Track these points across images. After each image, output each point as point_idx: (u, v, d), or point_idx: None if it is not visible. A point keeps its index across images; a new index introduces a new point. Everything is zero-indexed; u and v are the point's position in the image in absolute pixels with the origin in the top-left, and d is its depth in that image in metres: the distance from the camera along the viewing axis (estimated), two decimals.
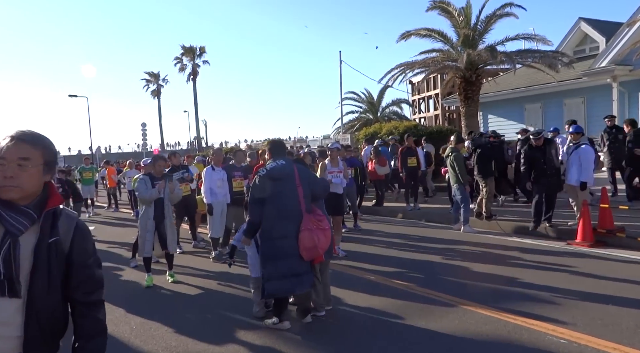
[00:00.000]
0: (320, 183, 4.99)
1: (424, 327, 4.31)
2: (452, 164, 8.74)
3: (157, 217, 6.12)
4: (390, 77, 16.46)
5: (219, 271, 6.80)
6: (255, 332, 4.41)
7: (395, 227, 9.77)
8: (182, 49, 49.78)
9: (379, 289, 5.53)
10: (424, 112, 31.88)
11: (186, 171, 8.38)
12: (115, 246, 9.36)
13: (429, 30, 15.73)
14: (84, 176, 15.00)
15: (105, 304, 5.44)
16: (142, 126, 39.84)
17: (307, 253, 4.28)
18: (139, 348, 4.21)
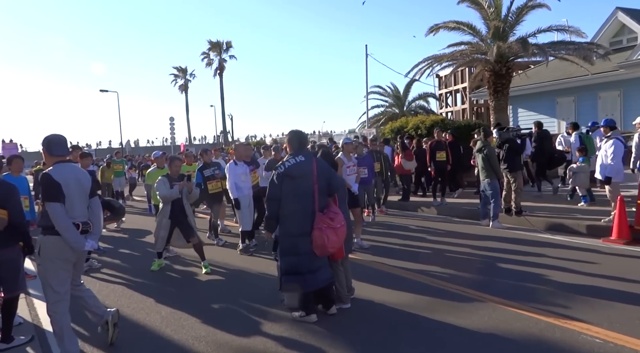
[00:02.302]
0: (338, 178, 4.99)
1: (453, 323, 4.25)
2: (486, 159, 8.57)
3: (175, 216, 6.37)
4: (417, 70, 16.25)
5: (245, 263, 6.89)
6: (282, 324, 4.44)
7: (422, 222, 9.66)
8: (209, 44, 50.32)
9: (406, 284, 5.48)
10: (451, 106, 31.38)
11: (217, 169, 8.45)
12: (144, 237, 9.57)
13: (458, 23, 15.42)
14: (114, 168, 15.36)
15: (136, 293, 5.58)
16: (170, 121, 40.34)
17: (318, 250, 4.33)
18: (169, 337, 4.29)
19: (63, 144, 3.79)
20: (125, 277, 6.49)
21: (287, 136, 4.73)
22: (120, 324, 4.55)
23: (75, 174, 3.72)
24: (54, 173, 3.59)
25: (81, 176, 3.76)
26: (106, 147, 55.47)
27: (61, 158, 3.73)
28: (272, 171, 8.35)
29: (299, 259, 4.34)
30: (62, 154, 3.76)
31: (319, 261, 4.40)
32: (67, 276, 3.73)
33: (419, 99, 30.51)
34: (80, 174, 3.77)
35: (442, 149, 11.02)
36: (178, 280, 6.35)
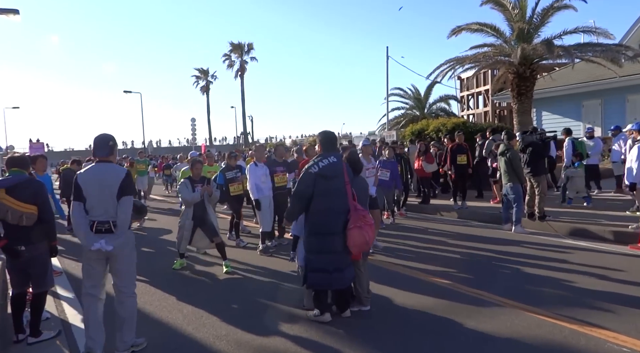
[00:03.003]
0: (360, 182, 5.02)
1: (474, 328, 4.21)
2: (509, 162, 8.45)
3: (197, 218, 6.51)
4: (439, 73, 16.14)
5: (265, 263, 6.94)
6: (301, 325, 4.45)
7: (442, 225, 9.58)
8: (231, 45, 50.90)
9: (426, 287, 5.44)
10: (473, 109, 30.99)
11: (239, 171, 8.51)
12: (165, 235, 9.72)
13: (481, 24, 15.26)
14: (137, 168, 15.64)
15: (158, 291, 5.64)
16: (192, 122, 41.14)
17: (357, 249, 4.35)
18: (191, 335, 4.35)
19: (99, 146, 3.88)
20: (147, 275, 6.60)
21: (318, 136, 4.77)
22: (144, 322, 4.65)
23: (100, 175, 3.77)
24: (80, 175, 3.84)
25: (108, 176, 3.77)
26: (129, 147, 56.55)
27: (100, 159, 3.87)
28: (293, 173, 8.50)
29: (328, 257, 4.36)
30: (99, 156, 3.88)
31: (345, 260, 4.42)
32: (93, 273, 3.84)
33: (440, 102, 30.25)
34: (107, 174, 3.78)
35: (463, 153, 10.92)
36: (199, 279, 6.43)
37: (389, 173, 9.14)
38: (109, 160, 3.89)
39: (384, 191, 9.08)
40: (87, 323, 3.85)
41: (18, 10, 18.51)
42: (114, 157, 3.98)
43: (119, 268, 3.89)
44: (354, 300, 4.78)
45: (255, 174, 7.58)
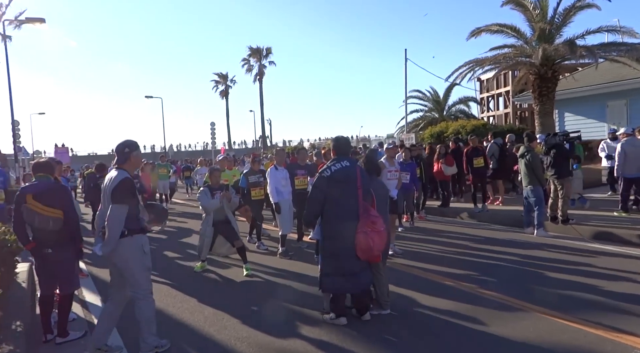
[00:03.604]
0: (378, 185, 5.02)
1: (496, 332, 4.16)
2: (529, 164, 8.33)
3: (217, 224, 6.61)
4: (458, 74, 16.04)
5: (285, 266, 6.98)
6: (321, 328, 4.47)
7: (462, 228, 9.49)
8: (250, 50, 51.29)
9: (446, 291, 5.40)
10: (493, 111, 30.66)
11: (262, 176, 8.56)
12: (186, 238, 9.86)
13: (501, 25, 15.12)
14: (159, 172, 15.89)
15: (180, 293, 5.72)
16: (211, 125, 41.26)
17: (362, 253, 4.37)
18: (213, 337, 4.41)
19: (116, 153, 4.04)
20: (169, 277, 6.71)
21: (331, 141, 4.82)
22: (167, 323, 4.73)
23: (107, 181, 3.94)
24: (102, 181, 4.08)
25: (109, 182, 3.90)
26: (150, 151, 57.44)
27: (116, 165, 4.01)
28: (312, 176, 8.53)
29: (341, 261, 4.40)
30: (116, 163, 4.03)
31: (361, 264, 4.44)
32: (111, 274, 4.08)
33: (459, 104, 30.01)
34: (109, 181, 3.91)
35: (480, 155, 10.80)
36: (220, 281, 6.51)
37: (409, 175, 9.10)
38: (122, 167, 3.96)
39: (404, 194, 9.04)
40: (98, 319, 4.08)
41: (44, 19, 19.15)
42: (129, 164, 4.00)
43: (122, 273, 3.96)
44: (374, 304, 4.78)
45: (276, 178, 7.64)
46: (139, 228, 3.95)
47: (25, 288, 5.80)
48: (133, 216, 3.90)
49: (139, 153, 4.15)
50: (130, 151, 3.99)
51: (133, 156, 4.01)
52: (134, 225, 3.90)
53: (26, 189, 4.35)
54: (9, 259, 4.87)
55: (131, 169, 4.06)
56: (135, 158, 4.04)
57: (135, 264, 3.91)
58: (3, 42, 18.29)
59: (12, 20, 19.11)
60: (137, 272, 3.93)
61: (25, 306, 4.99)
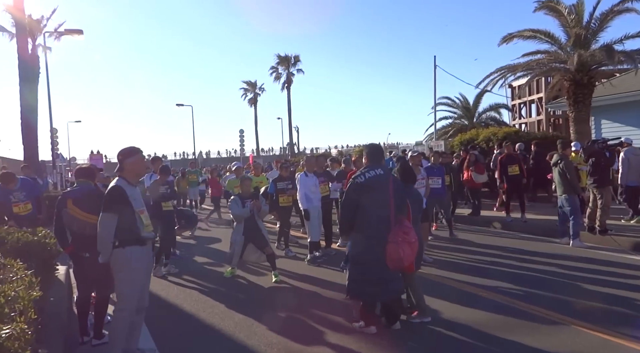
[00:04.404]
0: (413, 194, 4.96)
1: (532, 345, 4.03)
2: (562, 173, 8.10)
3: (248, 233, 6.67)
4: (489, 81, 15.81)
5: (313, 273, 6.97)
6: (350, 336, 4.43)
7: (494, 238, 9.28)
8: (278, 58, 51.92)
9: (478, 301, 5.28)
10: (525, 118, 30.02)
11: (290, 183, 8.61)
12: (215, 244, 9.98)
13: (534, 31, 14.82)
14: (189, 178, 16.19)
15: (210, 299, 5.79)
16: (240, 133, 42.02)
17: (392, 263, 4.32)
18: (243, 342, 4.43)
19: (117, 161, 4.02)
20: (199, 283, 6.80)
21: (364, 149, 4.82)
22: (198, 328, 4.79)
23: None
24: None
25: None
26: (180, 158, 58.64)
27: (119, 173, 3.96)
28: (340, 183, 8.55)
29: (370, 268, 4.37)
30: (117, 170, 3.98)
31: (390, 273, 4.39)
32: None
33: (490, 110, 29.51)
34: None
35: (515, 163, 10.54)
36: (249, 287, 6.55)
37: (440, 179, 8.92)
38: (122, 175, 3.89)
39: (437, 200, 8.89)
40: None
41: (82, 31, 19.86)
42: (127, 171, 3.88)
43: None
44: (413, 312, 4.73)
45: (305, 185, 7.68)
46: (133, 239, 3.78)
47: (62, 290, 5.99)
48: (126, 227, 3.76)
49: (136, 159, 3.94)
50: (123, 158, 3.90)
51: (127, 163, 3.89)
52: (125, 236, 3.76)
53: (68, 194, 4.50)
54: (48, 262, 5.03)
55: (130, 176, 3.92)
56: (130, 165, 3.90)
57: (120, 276, 3.80)
58: (44, 54, 19.06)
59: (52, 32, 19.90)
60: (120, 285, 3.83)
61: (62, 309, 5.14)
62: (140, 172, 4.05)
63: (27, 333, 2.32)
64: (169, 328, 4.76)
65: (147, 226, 3.89)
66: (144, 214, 3.89)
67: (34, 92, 16.42)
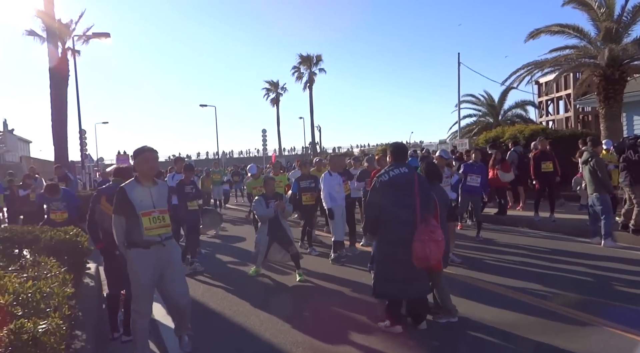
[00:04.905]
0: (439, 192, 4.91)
1: (562, 347, 3.93)
2: (593, 171, 7.88)
3: (272, 233, 6.71)
4: (515, 77, 15.55)
5: (337, 273, 6.97)
6: (376, 335, 4.41)
7: (521, 238, 9.09)
8: (300, 58, 52.10)
9: (506, 302, 5.19)
10: (553, 115, 29.32)
11: (313, 182, 8.63)
12: (239, 243, 10.07)
13: (562, 26, 14.46)
14: (213, 178, 16.42)
15: (235, 297, 5.83)
16: (263, 132, 42.31)
17: (418, 262, 4.27)
18: (268, 341, 4.46)
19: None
20: (224, 281, 6.88)
21: (389, 147, 4.81)
22: (224, 326, 4.85)
23: None
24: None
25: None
26: (204, 158, 59.44)
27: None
28: (363, 182, 8.53)
29: (395, 267, 4.35)
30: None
31: (416, 272, 4.35)
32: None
33: (516, 108, 28.93)
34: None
35: (548, 160, 10.27)
36: (273, 286, 6.59)
37: (480, 178, 8.71)
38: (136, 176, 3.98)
39: (472, 198, 8.76)
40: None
41: (109, 34, 20.32)
42: (138, 171, 3.93)
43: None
44: (441, 312, 4.69)
45: (330, 184, 7.69)
46: (133, 242, 3.80)
47: (93, 287, 6.15)
48: (129, 229, 3.80)
49: (140, 159, 3.92)
50: (133, 158, 4.00)
51: (135, 164, 3.95)
52: (130, 238, 3.81)
53: (102, 191, 4.65)
54: (80, 260, 5.18)
55: (141, 176, 3.91)
56: (136, 165, 3.94)
57: (130, 278, 3.88)
58: (72, 57, 19.56)
59: (81, 35, 20.41)
60: (131, 286, 3.91)
61: (93, 305, 5.29)
62: (146, 172, 3.90)
63: (62, 328, 2.39)
64: (195, 326, 4.81)
65: (150, 229, 3.80)
66: (150, 217, 3.80)
67: (63, 95, 16.88)
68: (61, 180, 12.74)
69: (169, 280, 3.94)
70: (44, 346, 2.13)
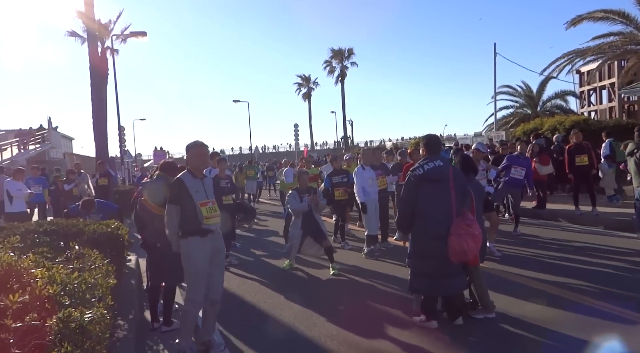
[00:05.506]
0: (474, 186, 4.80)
1: (606, 345, 3.79)
2: (639, 162, 7.51)
3: (306, 227, 6.76)
4: (554, 67, 15.08)
5: (370, 267, 6.95)
6: (411, 330, 4.38)
7: (561, 233, 8.80)
8: (331, 51, 51.91)
9: (546, 298, 5.03)
10: (595, 105, 28.17)
11: (345, 176, 8.60)
12: (272, 237, 10.18)
13: (606, 11, 13.81)
14: (247, 173, 16.66)
15: (269, 290, 5.93)
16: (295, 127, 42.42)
17: (455, 256, 4.21)
18: (303, 333, 4.51)
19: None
20: (258, 274, 6.98)
21: (422, 140, 4.71)
22: (259, 318, 4.92)
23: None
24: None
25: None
26: (237, 153, 60.27)
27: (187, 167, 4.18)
28: (396, 176, 8.44)
29: (431, 262, 4.29)
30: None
31: (452, 268, 4.28)
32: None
33: (556, 98, 27.96)
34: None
35: (584, 153, 9.89)
36: (306, 279, 6.64)
37: (524, 171, 8.44)
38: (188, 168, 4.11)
39: (512, 191, 8.55)
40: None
41: (146, 33, 20.79)
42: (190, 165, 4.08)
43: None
44: (477, 307, 4.62)
45: (362, 178, 7.65)
46: (193, 231, 3.91)
47: (133, 279, 6.35)
48: (186, 218, 3.91)
49: (192, 153, 4.08)
50: (185, 152, 4.15)
51: (187, 157, 4.12)
52: (186, 227, 3.92)
53: (144, 185, 4.82)
54: (121, 252, 5.36)
55: (194, 169, 4.05)
56: (189, 159, 4.09)
57: (184, 266, 3.98)
58: (111, 56, 20.16)
59: (119, 35, 20.99)
60: (186, 274, 4.01)
61: (134, 296, 5.46)
62: (198, 165, 4.08)
63: (106, 317, 2.48)
64: (232, 318, 4.92)
65: (209, 218, 3.96)
66: (206, 206, 3.98)
67: (103, 93, 17.42)
68: (103, 176, 13.23)
69: (214, 265, 4.08)
70: (90, 334, 2.21)
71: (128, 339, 4.06)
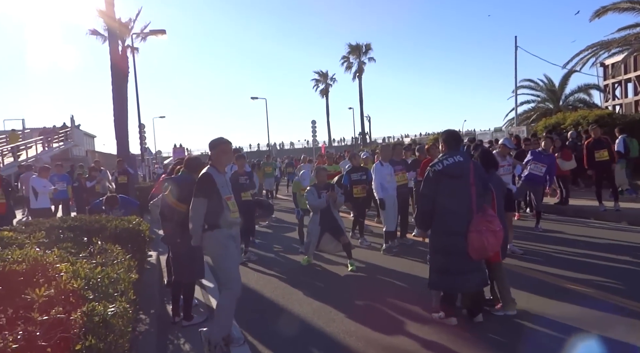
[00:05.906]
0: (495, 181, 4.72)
1: (635, 344, 3.71)
2: None
3: (324, 223, 6.77)
4: (578, 60, 14.76)
5: (388, 263, 6.92)
6: (429, 326, 4.34)
7: (585, 229, 8.62)
8: (349, 47, 51.70)
9: (571, 296, 4.94)
10: (620, 99, 27.44)
11: (364, 174, 8.54)
12: (290, 233, 10.21)
13: (632, 2, 13.43)
14: (265, 170, 16.75)
15: (288, 286, 5.95)
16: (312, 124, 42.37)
17: (475, 253, 4.16)
18: (322, 329, 4.51)
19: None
20: (277, 270, 7.01)
21: (441, 135, 4.65)
22: (278, 313, 4.95)
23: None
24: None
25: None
26: (255, 150, 60.61)
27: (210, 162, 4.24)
28: (414, 172, 8.37)
29: (451, 259, 4.24)
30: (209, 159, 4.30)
31: (472, 264, 4.23)
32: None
33: (579, 92, 27.30)
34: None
35: (603, 148, 9.68)
36: (324, 275, 6.64)
37: (545, 167, 8.28)
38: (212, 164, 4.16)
39: (533, 187, 8.42)
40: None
41: (165, 31, 21.03)
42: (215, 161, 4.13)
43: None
44: (497, 304, 4.57)
45: (381, 174, 7.62)
46: (220, 223, 3.99)
47: (154, 274, 6.46)
48: (214, 211, 3.98)
49: (218, 150, 4.14)
50: (210, 149, 4.20)
51: (212, 154, 4.17)
52: (214, 220, 3.98)
53: (169, 180, 4.91)
54: (142, 247, 5.45)
55: (217, 165, 4.13)
56: (214, 155, 4.14)
57: (216, 258, 4.08)
58: (132, 54, 20.45)
59: (139, 33, 21.26)
60: (219, 265, 4.10)
61: (155, 291, 5.56)
62: (223, 162, 4.20)
63: (129, 311, 2.52)
64: (251, 313, 4.96)
65: (233, 212, 4.10)
66: (230, 201, 4.10)
67: (124, 91, 17.69)
68: (121, 174, 13.46)
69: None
70: (113, 328, 2.26)
71: (150, 333, 4.14)
